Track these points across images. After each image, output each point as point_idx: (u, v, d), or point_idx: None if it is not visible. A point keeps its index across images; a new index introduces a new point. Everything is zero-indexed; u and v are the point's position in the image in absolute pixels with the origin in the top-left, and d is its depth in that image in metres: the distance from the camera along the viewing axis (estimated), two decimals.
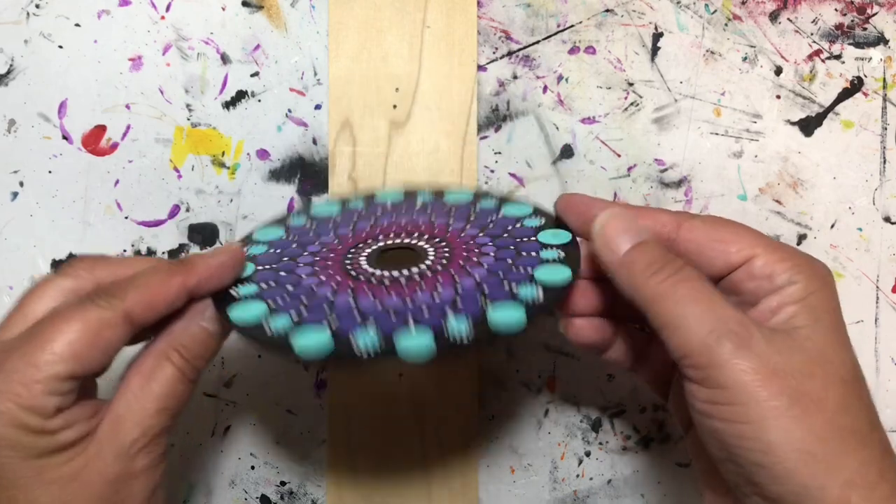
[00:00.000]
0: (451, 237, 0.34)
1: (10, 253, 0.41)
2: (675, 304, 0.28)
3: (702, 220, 0.31)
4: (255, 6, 0.42)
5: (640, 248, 0.30)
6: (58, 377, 0.27)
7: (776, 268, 0.29)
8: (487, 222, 0.35)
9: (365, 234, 0.35)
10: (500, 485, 0.42)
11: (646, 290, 0.29)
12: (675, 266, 0.29)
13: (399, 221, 0.36)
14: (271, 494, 0.42)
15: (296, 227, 0.37)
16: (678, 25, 0.42)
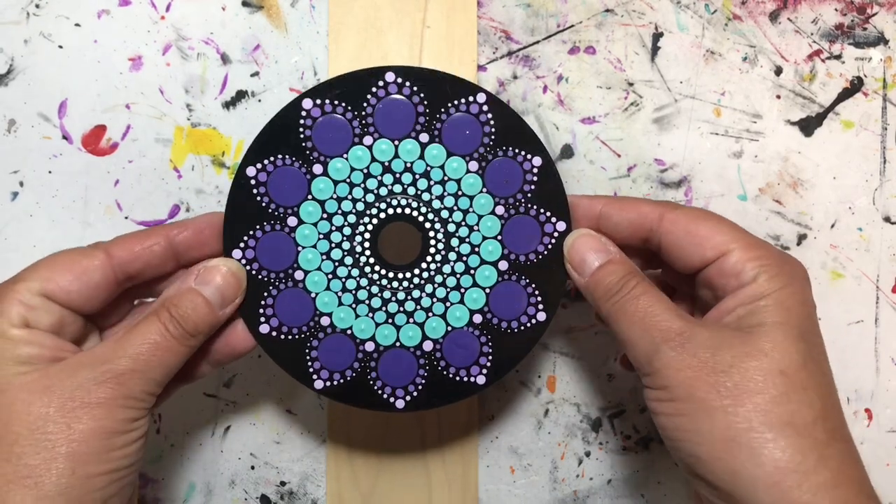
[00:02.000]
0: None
1: (10, 253, 0.41)
2: (626, 323, 0.31)
3: (683, 213, 0.33)
4: (255, 6, 0.42)
5: (603, 271, 0.33)
6: (29, 290, 0.30)
7: (746, 266, 0.31)
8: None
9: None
10: (500, 485, 0.42)
11: (606, 311, 0.32)
12: (630, 286, 0.32)
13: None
14: (271, 494, 0.42)
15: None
16: (678, 25, 0.42)
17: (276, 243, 0.35)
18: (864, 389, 0.42)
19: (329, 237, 0.35)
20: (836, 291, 0.42)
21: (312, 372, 0.35)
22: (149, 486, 0.42)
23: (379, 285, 0.35)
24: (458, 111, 0.35)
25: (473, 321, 0.35)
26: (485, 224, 0.35)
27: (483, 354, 0.35)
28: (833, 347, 0.42)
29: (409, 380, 0.35)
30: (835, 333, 0.42)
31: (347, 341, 0.35)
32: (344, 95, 0.35)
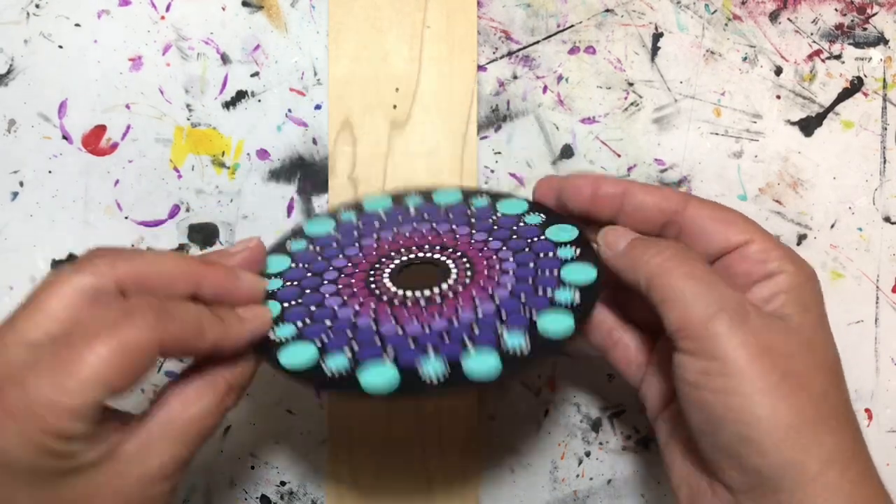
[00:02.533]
0: (462, 245, 0.34)
1: (10, 253, 0.41)
2: (676, 280, 0.29)
3: (705, 202, 0.33)
4: (255, 6, 0.42)
5: (638, 239, 0.32)
6: (86, 404, 0.25)
7: (770, 255, 0.31)
8: (491, 225, 0.35)
9: (373, 253, 0.35)
10: (500, 485, 0.42)
11: (648, 269, 0.30)
12: (676, 248, 0.30)
13: (402, 233, 0.35)
14: (271, 494, 0.42)
15: (299, 252, 0.36)
16: (678, 25, 0.42)
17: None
18: (864, 389, 0.42)
19: None
20: (836, 291, 0.42)
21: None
22: None
23: None
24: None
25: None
26: None
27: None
28: None
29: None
30: (835, 333, 0.42)
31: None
32: None
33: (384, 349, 0.30)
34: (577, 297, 0.31)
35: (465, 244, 0.34)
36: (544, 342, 0.29)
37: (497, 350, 0.29)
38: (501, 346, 0.29)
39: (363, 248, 0.35)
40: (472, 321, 0.30)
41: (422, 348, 0.29)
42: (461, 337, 0.30)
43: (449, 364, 0.29)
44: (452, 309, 0.31)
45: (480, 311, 0.31)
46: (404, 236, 0.35)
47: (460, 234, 0.35)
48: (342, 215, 0.37)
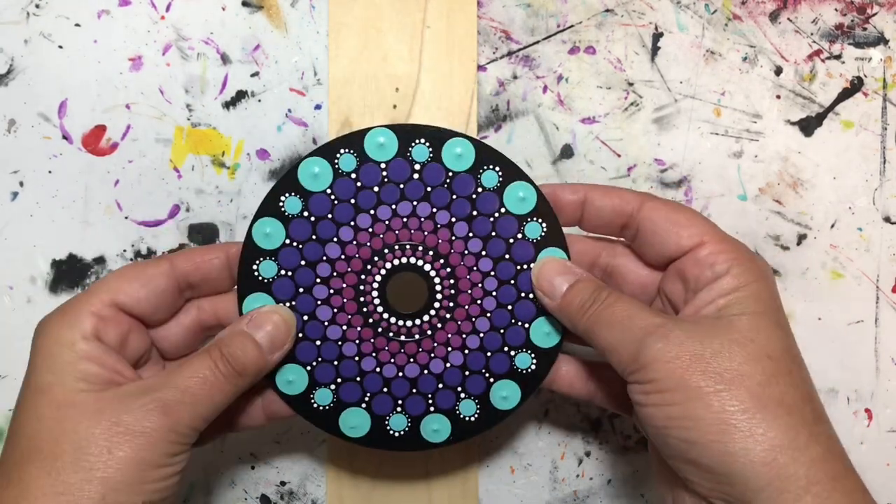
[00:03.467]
0: (453, 259, 0.36)
1: (10, 253, 0.41)
2: (605, 329, 0.32)
3: (663, 202, 0.34)
4: (255, 6, 0.42)
5: (573, 290, 0.34)
6: (101, 301, 0.32)
7: (718, 257, 0.32)
8: (489, 231, 0.35)
9: (366, 244, 0.35)
10: (500, 485, 0.42)
11: (583, 326, 0.33)
12: (603, 297, 0.33)
13: (398, 215, 0.35)
14: (271, 494, 0.42)
15: (293, 220, 0.35)
16: (678, 25, 0.42)
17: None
18: (864, 389, 0.42)
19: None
20: (836, 291, 0.42)
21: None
22: None
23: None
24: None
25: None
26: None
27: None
28: (833, 347, 0.42)
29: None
30: (835, 333, 0.42)
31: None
32: None
33: (363, 394, 0.36)
34: (533, 365, 0.36)
35: (456, 259, 0.36)
36: (493, 413, 0.36)
37: (451, 417, 0.36)
38: (456, 411, 0.36)
39: (357, 232, 0.35)
40: (440, 372, 0.36)
41: (393, 400, 0.36)
42: (427, 394, 0.36)
43: (410, 421, 0.36)
44: (426, 354, 0.36)
45: (449, 362, 0.36)
46: (400, 222, 0.35)
47: (455, 240, 0.36)
48: (341, 161, 0.35)
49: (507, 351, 0.36)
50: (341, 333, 0.36)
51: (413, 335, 0.36)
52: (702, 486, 0.30)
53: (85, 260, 0.41)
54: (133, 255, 0.41)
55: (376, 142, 0.35)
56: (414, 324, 0.36)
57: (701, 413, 0.29)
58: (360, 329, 0.36)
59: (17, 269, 0.41)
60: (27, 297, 0.41)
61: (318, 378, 0.36)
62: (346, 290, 0.35)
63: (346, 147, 0.35)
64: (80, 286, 0.41)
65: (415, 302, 0.36)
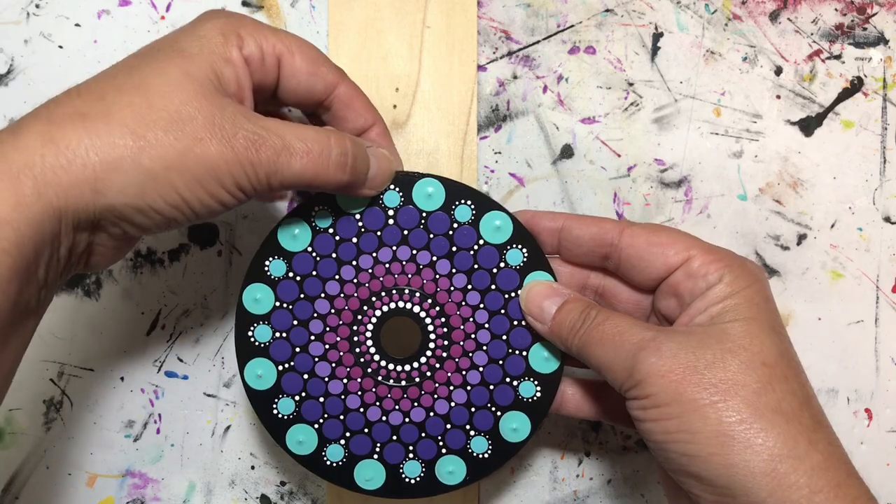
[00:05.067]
0: (441, 297, 0.36)
1: None
2: (597, 348, 0.32)
3: (642, 227, 0.34)
4: (255, 6, 0.42)
5: (562, 311, 0.34)
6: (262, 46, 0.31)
7: (709, 268, 0.32)
8: (471, 264, 0.36)
9: (354, 295, 0.36)
10: (500, 485, 0.42)
11: (576, 347, 0.33)
12: (592, 316, 0.32)
13: (380, 261, 0.35)
14: (271, 494, 0.42)
15: (280, 281, 0.36)
16: (678, 25, 0.42)
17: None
18: (864, 389, 0.42)
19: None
20: (836, 291, 0.42)
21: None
22: (149, 486, 0.42)
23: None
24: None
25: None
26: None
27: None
28: (833, 347, 0.42)
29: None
30: (835, 333, 0.42)
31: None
32: None
33: (373, 445, 0.36)
34: (538, 392, 0.36)
35: (443, 296, 0.36)
36: (506, 446, 0.36)
37: (464, 456, 0.36)
38: (469, 449, 0.36)
39: (343, 284, 0.35)
40: (446, 413, 0.36)
41: (404, 447, 0.36)
42: (436, 436, 0.36)
43: (424, 466, 0.36)
44: (430, 396, 0.36)
45: (454, 401, 0.36)
46: (383, 269, 0.35)
47: (440, 278, 0.36)
48: (317, 218, 0.35)
49: (510, 381, 0.36)
50: (343, 387, 0.36)
51: (414, 379, 0.36)
52: (704, 498, 0.30)
53: None
54: (133, 254, 0.41)
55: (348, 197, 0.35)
56: (413, 367, 0.36)
57: (698, 426, 0.29)
58: (361, 380, 0.36)
59: None
60: None
61: (327, 434, 0.36)
62: (341, 342, 0.36)
63: (319, 204, 0.35)
64: (80, 286, 0.41)
65: (410, 345, 0.36)
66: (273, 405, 0.36)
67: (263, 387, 0.36)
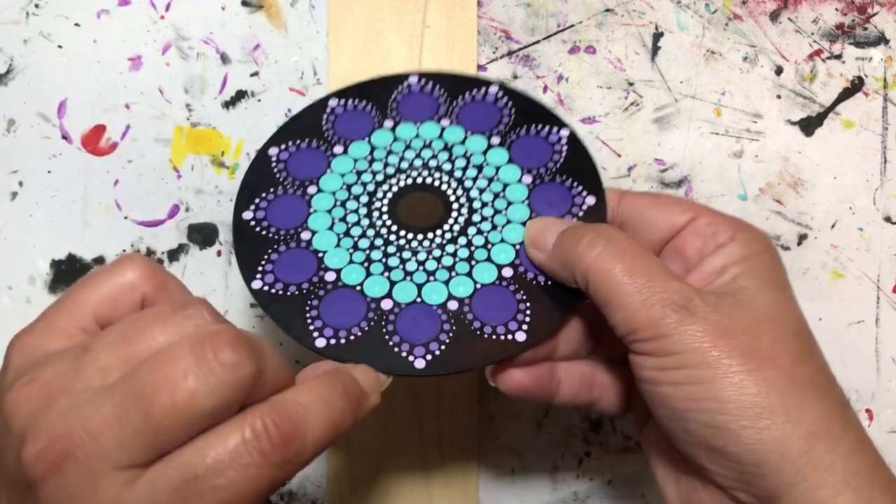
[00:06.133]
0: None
1: (10, 253, 0.41)
2: (615, 281, 0.27)
3: (640, 193, 0.32)
4: (255, 6, 0.42)
5: (568, 230, 0.30)
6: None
7: (719, 227, 0.30)
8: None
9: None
10: (500, 485, 0.42)
11: (583, 267, 0.28)
12: (608, 237, 0.28)
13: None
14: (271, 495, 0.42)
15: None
16: (678, 25, 0.42)
17: (289, 205, 0.34)
18: (865, 390, 0.42)
19: (345, 204, 0.34)
20: (836, 291, 0.42)
21: (313, 329, 0.30)
22: None
23: (396, 245, 0.32)
24: (475, 100, 0.36)
25: (503, 275, 0.32)
26: (511, 191, 0.34)
27: (520, 311, 0.31)
28: (833, 347, 0.42)
29: (431, 336, 0.30)
30: (835, 333, 0.42)
31: (357, 297, 0.31)
32: (368, 95, 0.36)
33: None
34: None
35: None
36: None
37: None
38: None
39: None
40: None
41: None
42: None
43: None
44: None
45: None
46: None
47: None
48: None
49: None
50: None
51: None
52: (724, 476, 0.27)
53: (84, 260, 0.41)
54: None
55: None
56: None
57: (731, 395, 0.26)
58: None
59: (16, 269, 0.41)
60: (26, 297, 0.41)
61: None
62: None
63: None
64: None
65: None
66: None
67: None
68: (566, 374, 0.33)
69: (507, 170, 0.34)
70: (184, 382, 0.22)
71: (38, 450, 0.22)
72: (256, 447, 0.22)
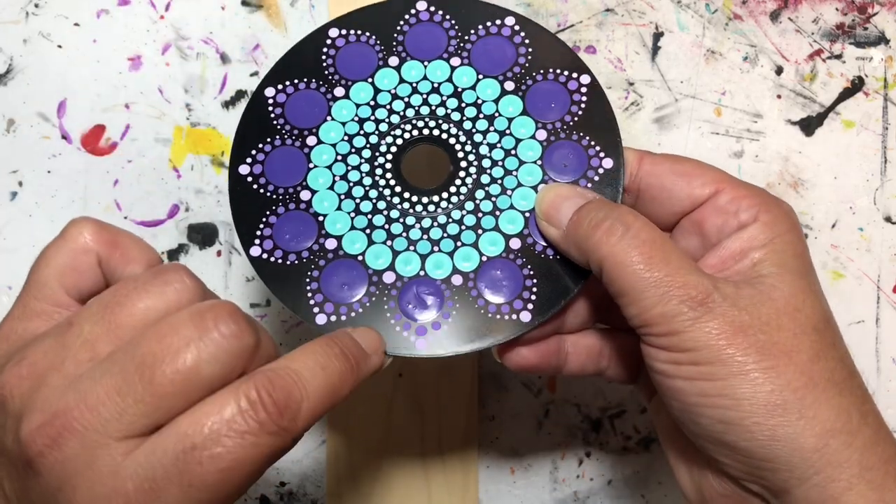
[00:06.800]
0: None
1: (9, 253, 0.41)
2: (631, 272, 0.26)
3: (664, 156, 0.30)
4: (255, 6, 0.41)
5: (585, 209, 0.28)
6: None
7: (742, 203, 0.28)
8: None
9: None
10: (500, 485, 0.42)
11: (598, 255, 0.27)
12: (626, 224, 0.27)
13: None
14: (271, 495, 0.42)
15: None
16: (679, 25, 0.42)
17: (287, 158, 0.32)
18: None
19: (346, 159, 0.32)
20: (836, 291, 0.42)
21: (314, 305, 0.30)
22: None
23: (400, 209, 0.31)
24: (489, 34, 0.33)
25: (510, 247, 0.30)
26: (524, 149, 0.31)
27: (526, 288, 0.30)
28: None
29: (434, 315, 0.29)
30: None
31: (358, 268, 0.30)
32: (372, 25, 0.33)
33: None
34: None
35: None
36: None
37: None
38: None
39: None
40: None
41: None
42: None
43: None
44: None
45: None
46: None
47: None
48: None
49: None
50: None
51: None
52: (735, 468, 0.27)
53: None
54: None
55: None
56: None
57: (745, 392, 0.25)
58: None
59: (15, 269, 0.41)
60: None
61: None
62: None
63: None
64: None
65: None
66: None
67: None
68: (573, 346, 0.32)
69: (521, 122, 0.32)
70: (186, 350, 0.22)
71: (36, 426, 0.22)
72: (252, 416, 0.22)
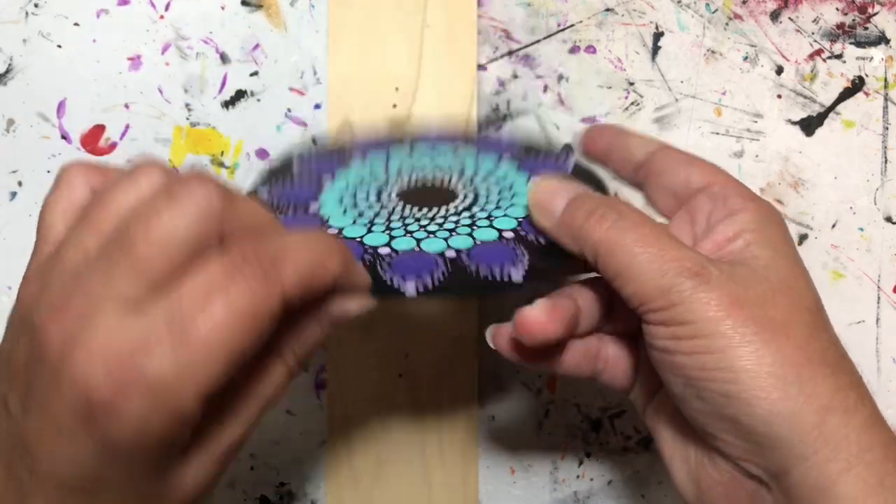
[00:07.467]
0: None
1: (9, 254, 0.41)
2: (626, 252, 0.27)
3: (679, 150, 0.32)
4: (255, 5, 0.41)
5: (577, 200, 0.29)
6: (211, 382, 0.22)
7: (730, 192, 0.30)
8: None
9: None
10: (500, 485, 0.42)
11: (592, 241, 0.28)
12: (618, 211, 0.28)
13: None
14: (271, 495, 0.42)
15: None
16: (679, 25, 0.42)
17: (296, 216, 0.34)
18: None
19: (355, 196, 0.34)
20: (837, 292, 0.42)
21: None
22: None
23: (401, 215, 0.33)
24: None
25: (504, 236, 0.31)
26: (519, 186, 0.34)
27: (519, 259, 0.30)
28: None
29: (426, 272, 0.30)
30: (836, 334, 0.42)
31: (355, 245, 0.31)
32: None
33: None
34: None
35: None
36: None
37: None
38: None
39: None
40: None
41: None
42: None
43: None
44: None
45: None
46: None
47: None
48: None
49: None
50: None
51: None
52: (734, 446, 0.27)
53: None
54: None
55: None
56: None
57: (745, 364, 0.25)
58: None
59: (15, 269, 0.41)
60: None
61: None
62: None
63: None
64: None
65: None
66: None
67: None
68: (570, 344, 0.32)
69: (515, 175, 0.35)
70: (158, 217, 0.23)
71: (45, 315, 0.24)
72: (240, 272, 0.23)
